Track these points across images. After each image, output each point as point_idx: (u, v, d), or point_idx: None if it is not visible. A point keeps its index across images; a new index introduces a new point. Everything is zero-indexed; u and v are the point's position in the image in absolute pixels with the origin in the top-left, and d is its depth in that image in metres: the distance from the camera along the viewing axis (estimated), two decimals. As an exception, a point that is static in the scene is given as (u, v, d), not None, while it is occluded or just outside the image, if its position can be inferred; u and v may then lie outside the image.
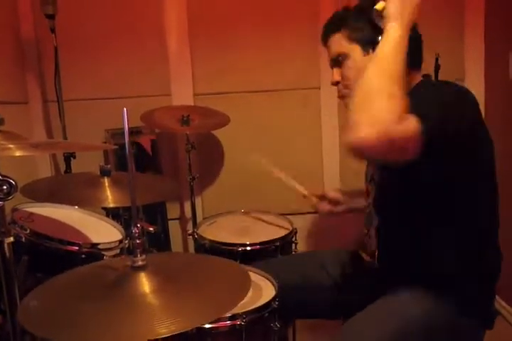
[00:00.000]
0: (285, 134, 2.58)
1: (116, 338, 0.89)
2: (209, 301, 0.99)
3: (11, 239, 1.12)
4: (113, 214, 1.95)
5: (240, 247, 1.77)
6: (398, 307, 1.30)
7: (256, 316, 1.31)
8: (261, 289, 1.44)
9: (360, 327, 1.28)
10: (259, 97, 2.55)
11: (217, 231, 1.94)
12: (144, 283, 0.99)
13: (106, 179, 1.62)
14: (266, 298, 1.37)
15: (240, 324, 1.27)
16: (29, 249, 1.44)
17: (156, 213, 2.45)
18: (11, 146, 1.14)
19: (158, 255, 1.33)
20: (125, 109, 0.97)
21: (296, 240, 1.90)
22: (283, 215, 2.06)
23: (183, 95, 2.52)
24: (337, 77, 1.43)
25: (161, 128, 2.38)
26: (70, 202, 1.69)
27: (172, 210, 2.59)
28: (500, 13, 2.39)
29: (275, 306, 1.35)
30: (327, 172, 2.63)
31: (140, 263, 1.01)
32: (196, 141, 2.33)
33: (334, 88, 2.53)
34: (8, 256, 1.11)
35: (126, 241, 1.59)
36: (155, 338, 0.88)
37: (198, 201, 2.52)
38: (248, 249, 1.76)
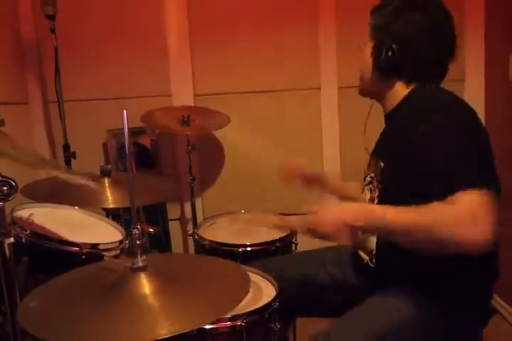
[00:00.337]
0: (285, 135, 2.59)
1: (116, 339, 0.89)
2: (209, 302, 0.99)
3: (11, 240, 1.11)
4: (113, 214, 1.95)
5: (240, 248, 1.77)
6: (395, 305, 1.29)
7: (256, 317, 1.30)
8: (261, 290, 1.44)
9: (353, 322, 1.27)
10: (259, 98, 2.56)
11: (217, 231, 1.94)
12: (144, 284, 0.99)
13: (106, 179, 1.62)
14: (266, 299, 1.36)
15: (241, 325, 1.27)
16: (29, 250, 1.44)
17: (157, 213, 2.44)
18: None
19: (158, 256, 1.33)
20: (125, 111, 0.97)
21: (296, 241, 1.90)
22: (283, 216, 2.06)
23: (184, 96, 2.52)
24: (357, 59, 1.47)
25: (162, 128, 2.38)
26: (70, 203, 1.69)
27: (172, 211, 2.59)
28: (500, 14, 2.39)
29: (275, 307, 1.35)
30: (327, 171, 2.63)
31: (140, 264, 1.01)
32: (196, 142, 2.33)
33: (334, 88, 2.57)
34: (8, 257, 1.11)
35: (126, 241, 1.59)
36: (155, 339, 0.87)
37: (199, 202, 2.52)
38: (248, 250, 1.76)
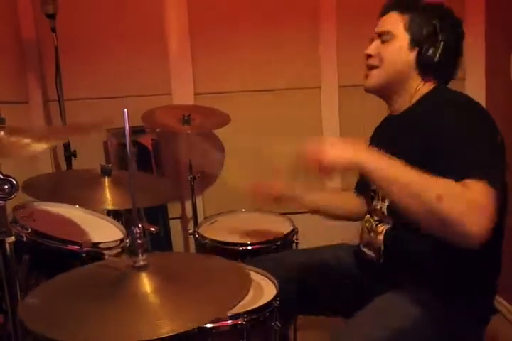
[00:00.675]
0: (286, 133, 2.58)
1: (117, 337, 0.89)
2: (210, 301, 0.99)
3: (13, 239, 1.12)
4: (114, 213, 1.95)
5: (241, 247, 1.77)
6: (400, 304, 1.30)
7: (257, 315, 1.30)
8: (262, 288, 1.44)
9: (362, 324, 1.28)
10: (259, 97, 2.56)
11: (218, 230, 1.94)
12: (145, 283, 0.99)
13: (106, 178, 1.62)
14: (267, 298, 1.36)
15: (241, 323, 1.27)
16: (30, 248, 1.44)
17: (157, 212, 2.45)
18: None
19: (159, 255, 1.33)
20: (125, 110, 0.96)
21: (297, 239, 1.90)
22: (284, 214, 2.06)
23: (184, 94, 2.52)
24: (372, 51, 1.42)
25: (162, 127, 2.38)
26: (71, 203, 1.69)
27: (173, 210, 2.59)
28: (501, 13, 2.39)
29: (276, 305, 1.35)
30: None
31: (141, 263, 1.01)
32: (197, 141, 2.33)
33: (335, 87, 2.57)
34: (9, 256, 1.11)
35: (127, 240, 1.59)
36: (156, 338, 0.87)
37: (199, 200, 2.52)
38: (249, 249, 1.77)
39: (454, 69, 1.43)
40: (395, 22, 1.38)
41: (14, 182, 1.05)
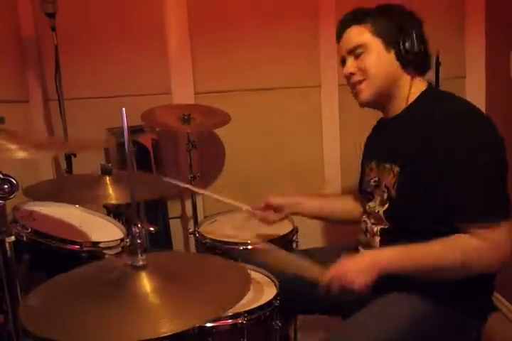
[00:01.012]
0: (286, 132, 2.59)
1: (116, 337, 0.88)
2: (210, 300, 0.99)
3: (13, 238, 1.12)
4: (114, 212, 1.95)
5: (241, 246, 1.77)
6: (399, 303, 1.31)
7: (258, 315, 1.31)
8: (262, 288, 1.44)
9: (362, 324, 1.29)
10: (259, 95, 2.55)
11: (218, 229, 1.94)
12: (145, 283, 0.99)
13: (107, 178, 1.62)
14: (267, 297, 1.37)
15: (242, 322, 1.28)
16: (30, 248, 1.44)
17: (157, 212, 2.44)
18: (13, 147, 1.13)
19: (158, 254, 1.32)
20: (123, 109, 0.96)
21: (297, 239, 1.90)
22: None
23: (184, 93, 2.52)
24: (352, 69, 1.40)
25: (162, 126, 2.38)
26: (72, 201, 1.69)
27: (173, 209, 2.59)
28: (501, 11, 2.38)
29: (277, 305, 1.35)
30: (328, 170, 2.63)
31: (141, 262, 1.01)
32: (197, 140, 2.33)
33: (335, 86, 2.56)
34: (9, 255, 1.11)
35: (127, 239, 1.59)
36: (156, 337, 0.87)
37: (199, 200, 2.52)
38: (249, 248, 1.76)
39: (430, 58, 1.43)
40: (360, 33, 1.37)
41: (14, 181, 1.05)
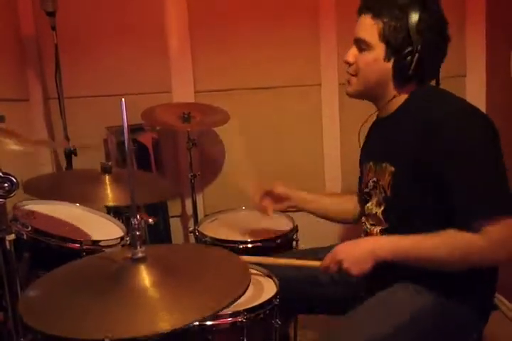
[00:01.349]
0: (286, 131, 2.59)
1: (116, 331, 0.87)
2: (209, 293, 0.98)
3: (13, 237, 1.12)
4: (114, 211, 1.95)
5: (241, 244, 1.77)
6: (399, 301, 1.31)
7: (257, 313, 1.30)
8: (262, 286, 1.44)
9: (362, 321, 1.29)
10: (259, 94, 2.55)
11: (218, 228, 1.94)
12: (144, 276, 0.99)
13: (107, 176, 1.62)
14: (267, 295, 1.36)
15: (241, 321, 1.27)
16: (31, 247, 1.44)
17: (158, 210, 2.44)
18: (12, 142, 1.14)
19: (157, 246, 1.32)
20: (123, 100, 0.95)
21: (297, 237, 1.90)
22: (284, 212, 2.06)
23: (184, 92, 2.52)
24: (351, 59, 1.39)
25: (162, 125, 2.38)
26: (72, 200, 1.69)
27: (173, 207, 2.59)
28: (501, 10, 2.38)
29: (276, 303, 1.35)
30: (328, 169, 2.63)
31: (140, 255, 1.00)
32: (197, 138, 2.33)
33: (335, 85, 2.56)
34: (9, 253, 1.11)
35: (127, 238, 1.59)
36: (156, 333, 0.87)
37: (199, 198, 2.52)
38: (249, 246, 1.77)
39: (435, 69, 1.40)
40: (370, 29, 1.33)
41: (14, 180, 1.06)
